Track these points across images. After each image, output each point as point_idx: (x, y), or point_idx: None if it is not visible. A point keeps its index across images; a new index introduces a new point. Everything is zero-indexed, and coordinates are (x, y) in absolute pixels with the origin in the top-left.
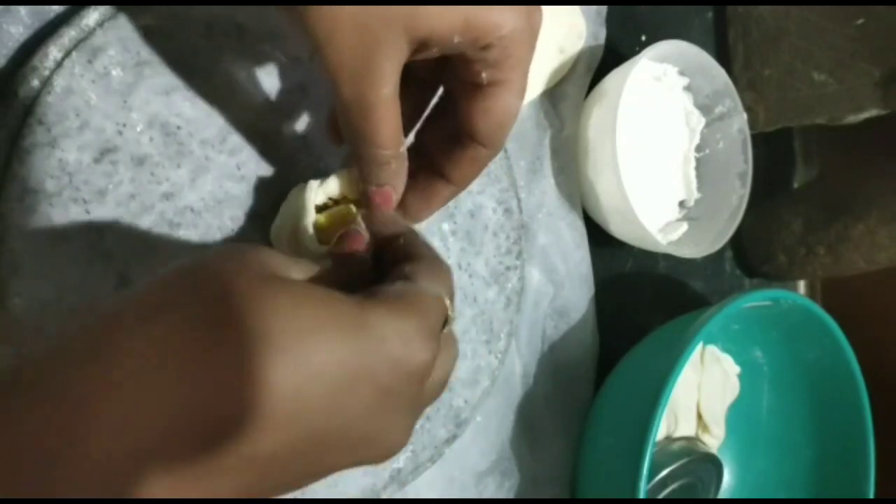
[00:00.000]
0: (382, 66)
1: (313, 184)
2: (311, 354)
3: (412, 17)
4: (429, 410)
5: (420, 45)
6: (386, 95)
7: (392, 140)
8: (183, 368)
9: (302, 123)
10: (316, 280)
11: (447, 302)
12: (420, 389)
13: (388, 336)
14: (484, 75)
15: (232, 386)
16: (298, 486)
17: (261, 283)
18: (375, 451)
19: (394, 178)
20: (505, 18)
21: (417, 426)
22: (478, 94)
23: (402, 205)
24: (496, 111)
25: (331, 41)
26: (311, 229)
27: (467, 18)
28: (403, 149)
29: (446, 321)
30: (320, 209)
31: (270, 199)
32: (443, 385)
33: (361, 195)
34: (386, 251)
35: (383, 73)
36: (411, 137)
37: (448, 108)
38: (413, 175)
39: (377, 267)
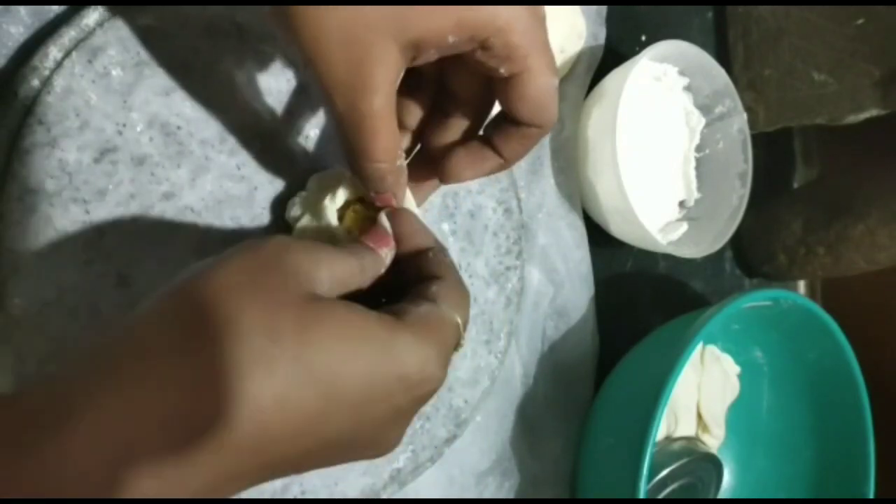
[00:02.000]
0: (374, 76)
1: (338, 196)
2: (324, 365)
3: (401, 22)
4: (428, 410)
5: (416, 50)
6: (379, 106)
7: (387, 153)
8: (167, 374)
9: (302, 123)
10: (339, 284)
11: (462, 328)
12: (423, 405)
13: (411, 362)
14: (502, 70)
15: (212, 389)
16: (289, 471)
17: (300, 307)
18: (372, 454)
19: (392, 188)
20: (498, 11)
21: (417, 426)
22: (507, 86)
23: (448, 164)
24: (530, 97)
25: (319, 54)
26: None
27: (459, 17)
28: (401, 161)
29: (458, 345)
30: (342, 208)
31: (270, 199)
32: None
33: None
34: (411, 262)
35: (375, 84)
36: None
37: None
38: (467, 140)
39: (398, 272)
